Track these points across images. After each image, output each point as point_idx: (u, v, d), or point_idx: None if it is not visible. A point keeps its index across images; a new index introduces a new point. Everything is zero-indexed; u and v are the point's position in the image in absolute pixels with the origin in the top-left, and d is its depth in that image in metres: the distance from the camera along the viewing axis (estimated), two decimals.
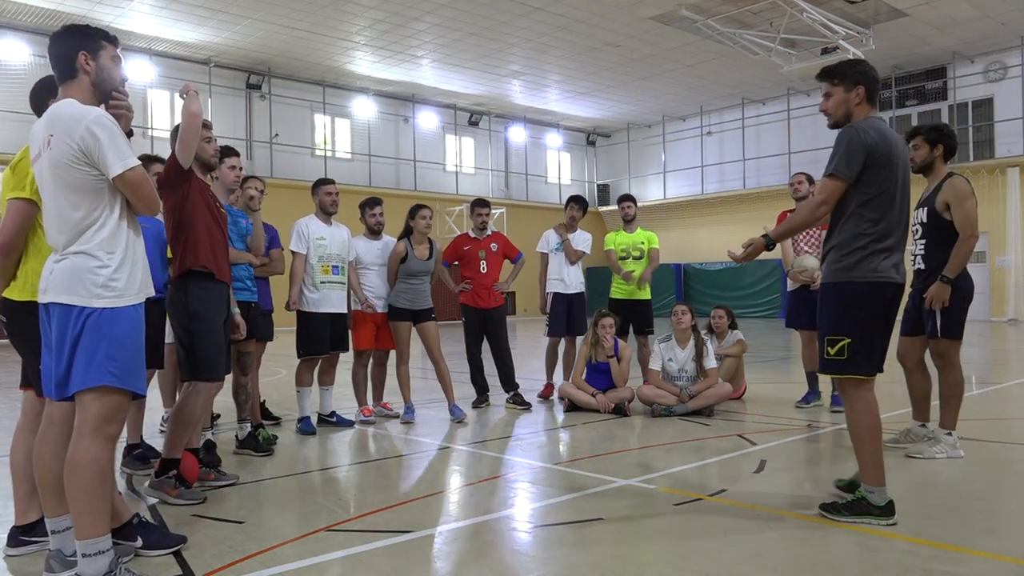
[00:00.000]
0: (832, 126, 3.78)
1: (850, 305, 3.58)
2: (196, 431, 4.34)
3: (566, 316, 7.79)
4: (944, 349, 4.92)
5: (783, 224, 3.77)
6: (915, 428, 5.15)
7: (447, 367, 6.75)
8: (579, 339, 7.81)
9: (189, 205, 4.12)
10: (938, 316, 4.83)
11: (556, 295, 7.81)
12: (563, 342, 7.93)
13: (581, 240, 7.93)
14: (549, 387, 7.83)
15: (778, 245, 4.06)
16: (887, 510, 3.54)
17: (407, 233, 6.74)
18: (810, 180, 6.90)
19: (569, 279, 7.84)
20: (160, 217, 4.41)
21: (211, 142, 4.35)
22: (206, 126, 4.28)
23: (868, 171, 3.54)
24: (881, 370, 3.65)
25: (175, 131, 4.09)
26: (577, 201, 7.98)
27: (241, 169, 5.16)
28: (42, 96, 3.29)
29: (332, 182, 6.47)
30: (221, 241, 4.26)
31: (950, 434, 4.90)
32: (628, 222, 8.02)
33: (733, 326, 7.76)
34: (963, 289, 4.84)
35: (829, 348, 3.62)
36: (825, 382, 6.59)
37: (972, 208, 4.76)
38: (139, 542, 3.24)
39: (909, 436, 5.13)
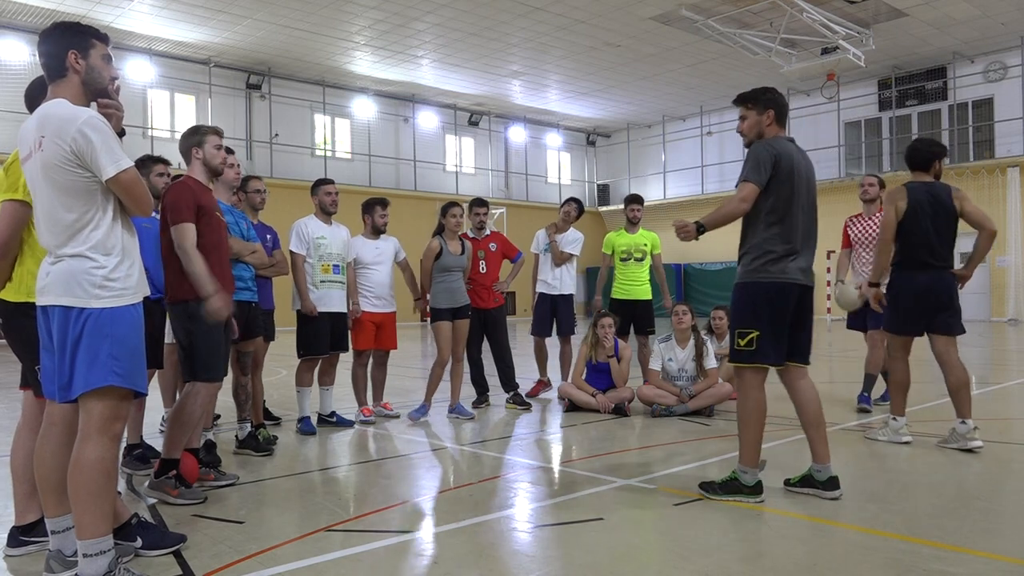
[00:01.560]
0: (747, 145, 4.13)
1: (760, 303, 3.95)
2: (196, 431, 4.35)
3: (550, 317, 7.80)
4: (888, 341, 5.43)
5: (715, 214, 4.02)
6: (956, 426, 5.10)
7: (463, 369, 6.81)
8: (575, 339, 7.81)
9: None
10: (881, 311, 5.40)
11: (540, 295, 7.84)
12: (557, 342, 7.93)
13: (571, 240, 7.88)
14: (540, 383, 7.83)
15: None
16: (756, 489, 3.92)
17: (440, 231, 6.78)
18: (881, 184, 6.96)
19: (555, 280, 7.82)
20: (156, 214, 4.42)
21: (220, 149, 4.36)
22: (218, 134, 4.33)
23: (773, 180, 3.91)
24: (782, 363, 4.01)
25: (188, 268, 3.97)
26: (575, 202, 7.97)
27: (238, 165, 5.17)
28: (37, 95, 3.28)
29: (331, 182, 6.47)
30: (222, 250, 4.25)
31: (895, 419, 5.31)
32: (634, 224, 8.02)
33: None
34: (895, 287, 5.20)
35: (740, 340, 4.00)
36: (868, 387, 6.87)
37: (888, 215, 5.14)
38: (139, 542, 3.23)
39: (953, 435, 5.11)
